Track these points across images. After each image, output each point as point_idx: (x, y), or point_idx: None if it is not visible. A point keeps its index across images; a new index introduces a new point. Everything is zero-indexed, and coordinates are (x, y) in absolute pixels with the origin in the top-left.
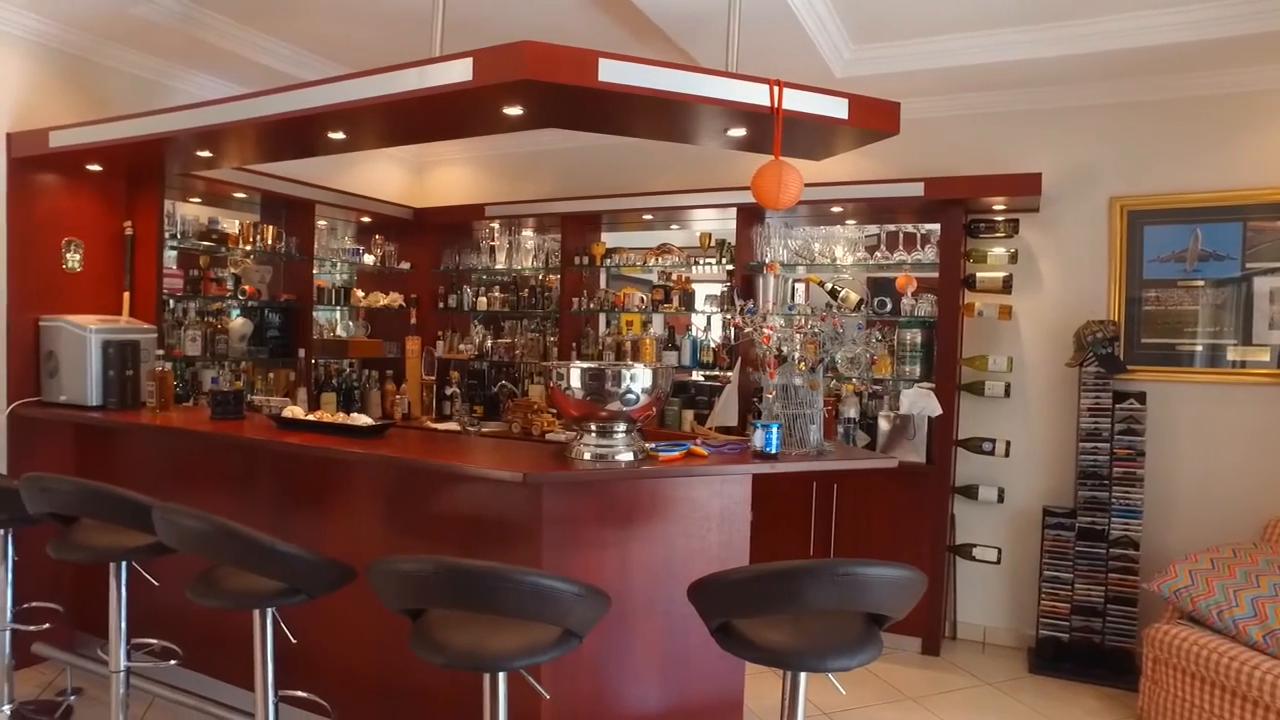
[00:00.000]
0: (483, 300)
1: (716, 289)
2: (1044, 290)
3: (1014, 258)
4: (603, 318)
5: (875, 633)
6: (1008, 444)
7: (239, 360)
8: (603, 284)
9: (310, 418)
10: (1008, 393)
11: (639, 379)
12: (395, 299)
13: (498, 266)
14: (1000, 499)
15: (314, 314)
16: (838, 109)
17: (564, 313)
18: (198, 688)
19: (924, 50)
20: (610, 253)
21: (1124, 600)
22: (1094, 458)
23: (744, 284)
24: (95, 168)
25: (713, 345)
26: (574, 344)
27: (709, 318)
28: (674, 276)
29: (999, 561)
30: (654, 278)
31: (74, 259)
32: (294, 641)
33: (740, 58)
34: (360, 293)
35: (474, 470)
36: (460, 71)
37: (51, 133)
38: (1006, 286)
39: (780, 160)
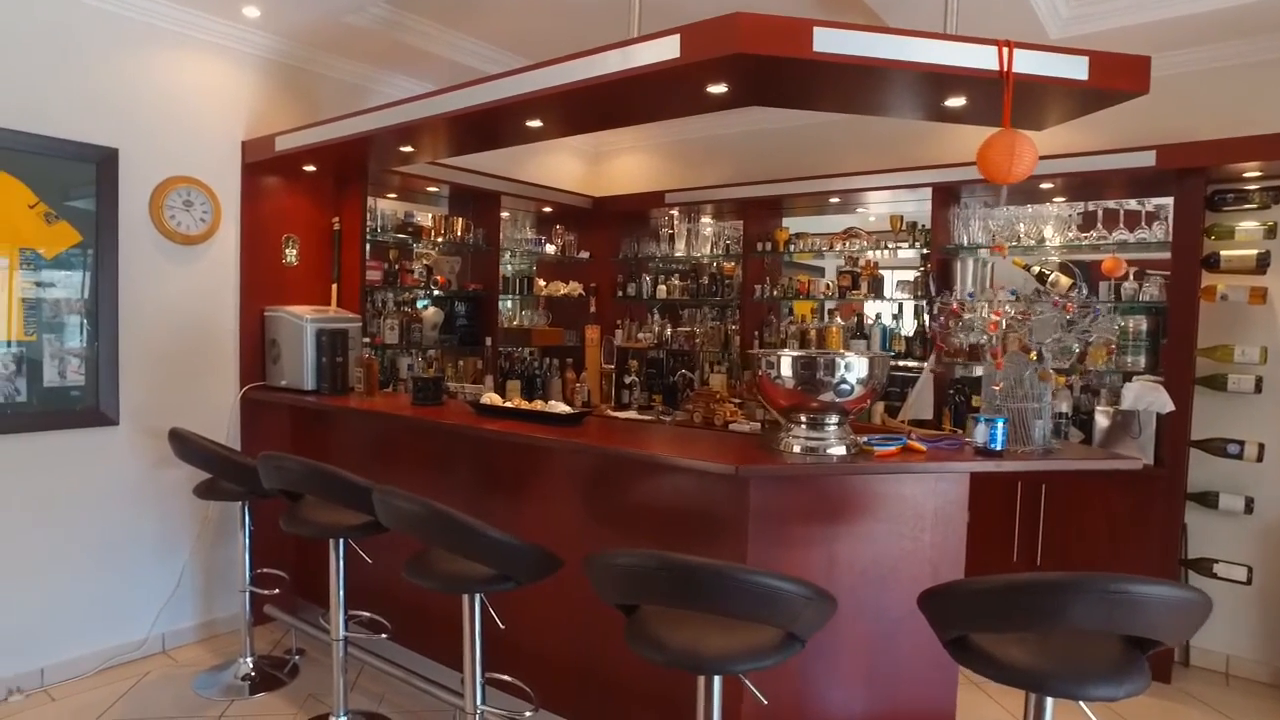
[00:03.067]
0: (661, 288)
1: (908, 274)
2: None
3: (1271, 231)
4: (783, 306)
5: (1139, 660)
6: (1260, 447)
7: (430, 348)
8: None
9: (509, 405)
10: (1259, 388)
11: (854, 369)
12: (575, 288)
13: (676, 254)
14: (1249, 509)
15: (499, 303)
16: (1075, 69)
17: (746, 300)
18: (400, 659)
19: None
20: (794, 238)
21: None
22: None
23: (940, 268)
24: (310, 168)
25: (903, 334)
26: (756, 332)
27: (900, 304)
28: (861, 262)
29: (1249, 582)
30: (836, 264)
31: (291, 254)
32: (502, 627)
33: (946, 21)
34: (541, 282)
35: (683, 462)
36: (667, 49)
37: (277, 138)
38: (1261, 266)
39: (1012, 130)
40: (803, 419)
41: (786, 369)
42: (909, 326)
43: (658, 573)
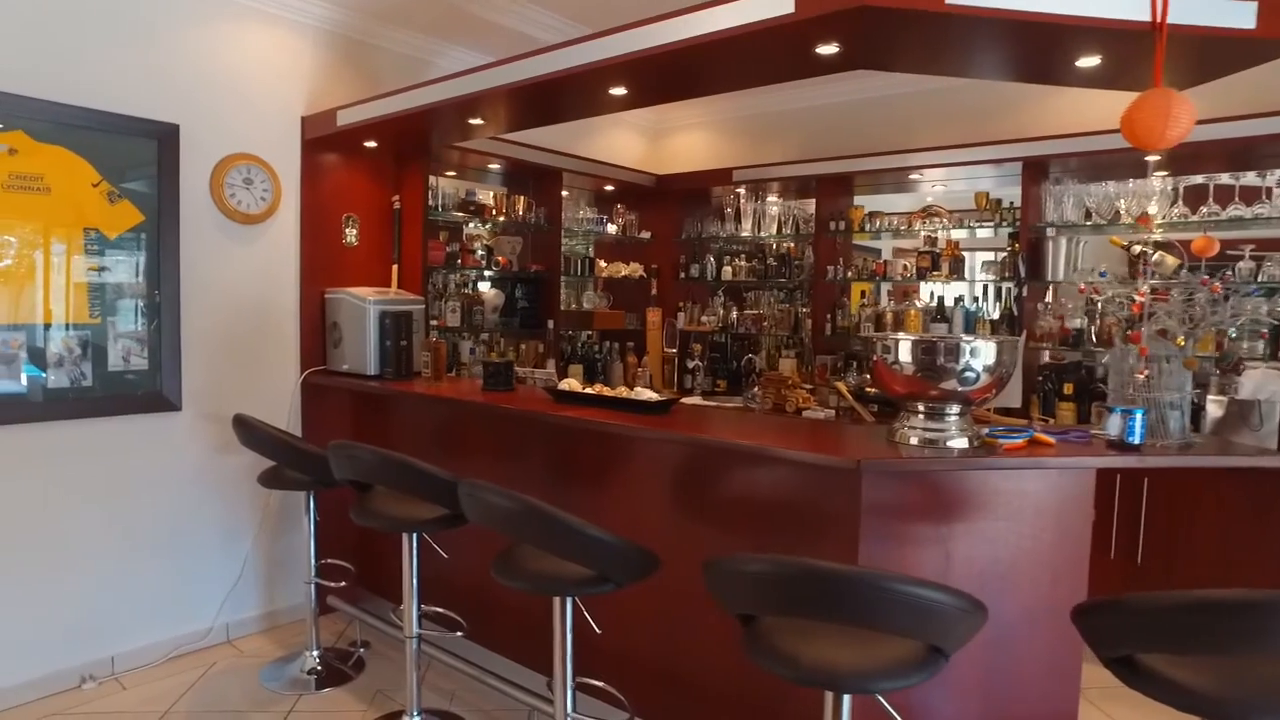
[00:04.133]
0: (727, 270)
1: (989, 255)
2: None
3: None
4: (854, 288)
5: None
6: None
7: (491, 331)
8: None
9: (589, 391)
10: None
11: (981, 354)
12: (635, 269)
13: (743, 234)
14: None
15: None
16: (1242, 17)
17: (818, 282)
18: (469, 654)
19: None
20: (870, 216)
21: None
22: None
23: (1030, 248)
24: (371, 144)
25: (987, 317)
26: (828, 315)
27: (985, 287)
28: (941, 241)
29: None
30: (894, 244)
31: (351, 234)
32: (599, 632)
33: None
34: (602, 263)
35: (795, 455)
36: (779, 4)
37: (339, 112)
38: None
39: (1166, 90)
40: (920, 408)
41: (905, 354)
42: (993, 309)
43: (796, 582)
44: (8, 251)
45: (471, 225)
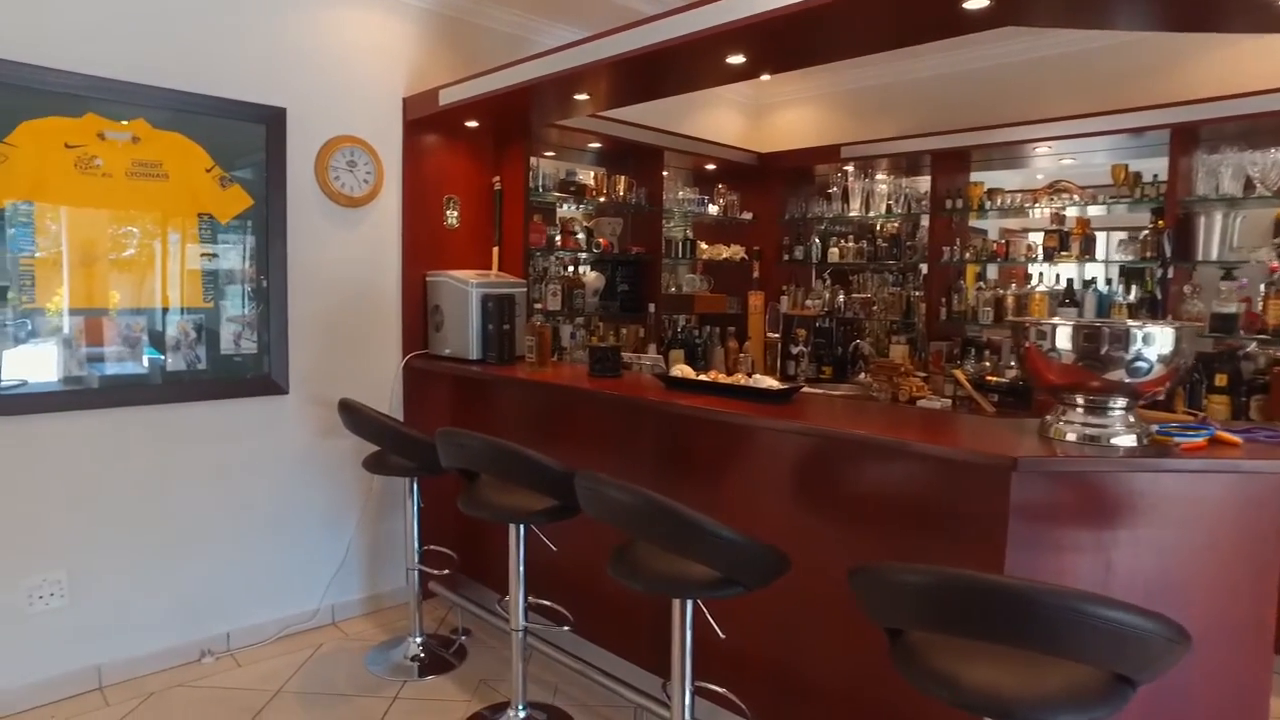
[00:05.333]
0: (833, 251)
1: (1122, 233)
2: None
3: None
4: (969, 270)
5: None
6: None
7: (590, 315)
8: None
9: (703, 378)
10: None
11: (1155, 342)
12: (736, 251)
13: (851, 214)
14: None
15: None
16: None
17: (933, 264)
18: (572, 646)
19: None
20: (990, 193)
21: None
22: None
23: (1178, 224)
24: (472, 124)
25: (1123, 301)
26: (942, 299)
27: (1120, 268)
28: (1070, 220)
29: None
30: (999, 224)
31: (453, 215)
32: (723, 637)
33: None
34: (703, 245)
35: (937, 450)
36: None
37: (441, 91)
38: None
39: None
40: (1079, 402)
41: (1064, 340)
42: (1129, 292)
43: (965, 598)
44: (131, 240)
45: (570, 206)
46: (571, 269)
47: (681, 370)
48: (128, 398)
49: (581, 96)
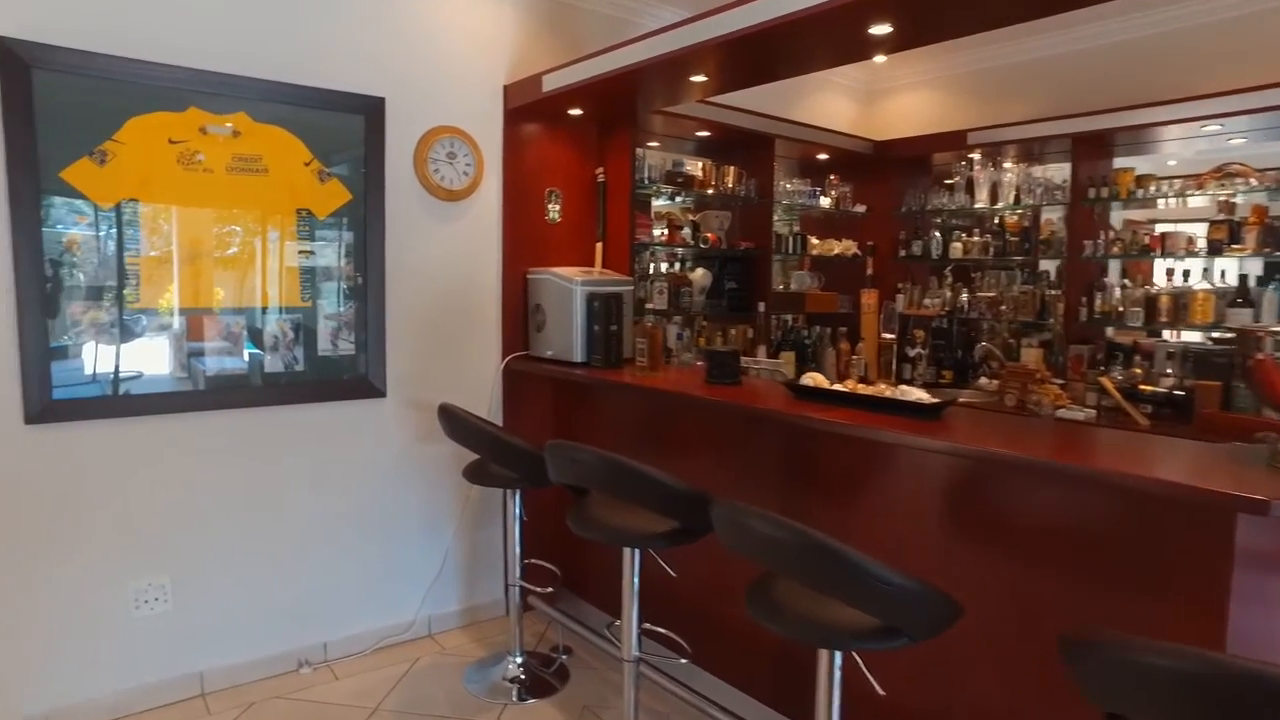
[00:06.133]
0: (956, 246)
1: None
2: None
3: None
4: (1113, 266)
5: None
6: None
7: (697, 314)
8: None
9: (838, 388)
10: None
11: None
12: (849, 246)
13: (977, 206)
14: None
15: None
16: None
17: (1072, 258)
18: (682, 674)
19: None
20: (1141, 180)
21: None
22: None
23: None
24: (575, 112)
25: None
26: (1083, 298)
27: None
28: (1239, 208)
29: None
30: (1124, 215)
31: (554, 209)
32: (882, 693)
33: None
34: (814, 240)
35: (1145, 484)
36: None
37: (544, 77)
38: None
39: None
40: None
41: None
42: None
43: (1240, 694)
44: (233, 237)
45: (665, 199)
46: (678, 265)
47: (813, 379)
48: (229, 400)
49: (698, 78)
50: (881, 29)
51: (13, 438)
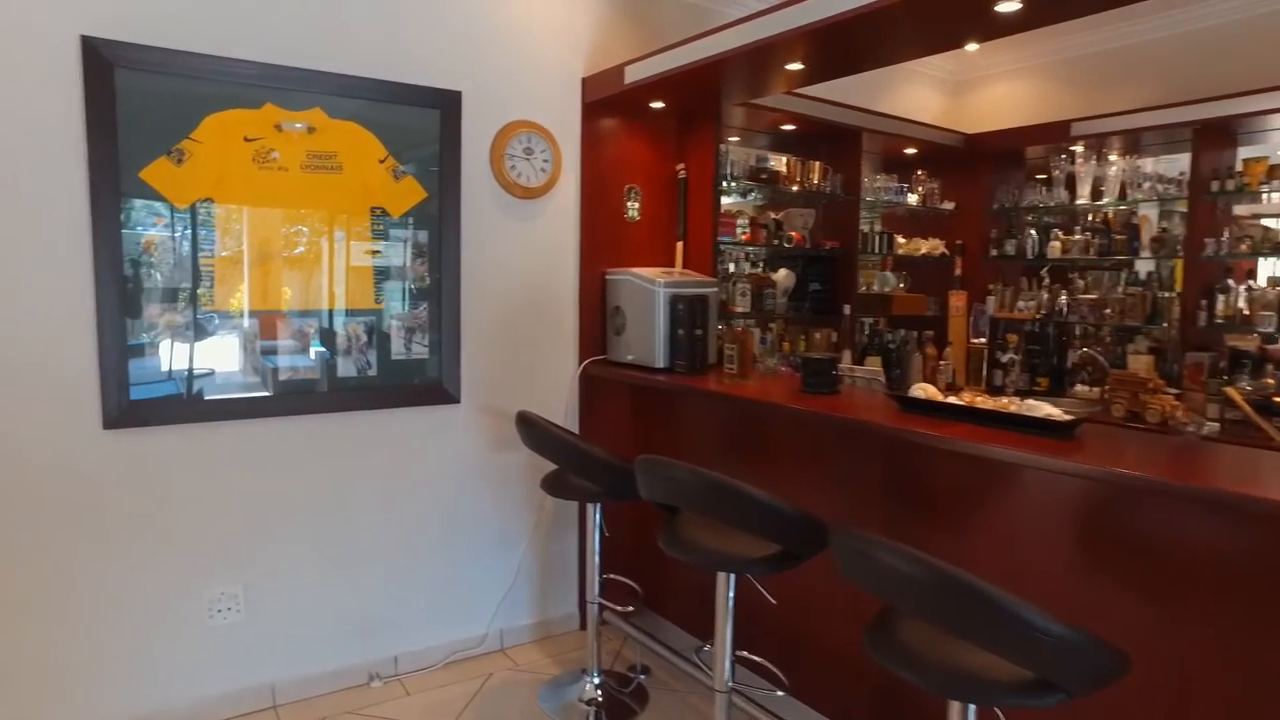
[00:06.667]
0: (1054, 245)
1: None
2: None
3: None
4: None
5: None
6: None
7: (780, 317)
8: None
9: (955, 402)
10: None
11: None
12: (936, 246)
13: (1078, 202)
14: None
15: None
16: None
17: (1190, 258)
18: (776, 706)
19: None
20: (1274, 170)
21: None
22: None
23: None
24: (657, 105)
25: None
26: (1202, 301)
27: None
28: None
29: None
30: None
31: (633, 207)
32: None
33: None
34: (900, 239)
35: None
36: None
37: (627, 67)
38: None
39: None
40: None
41: None
42: None
43: None
44: (304, 236)
45: (745, 196)
46: (761, 266)
47: (924, 390)
48: (302, 405)
49: (794, 65)
50: (1010, 6)
51: (92, 442)
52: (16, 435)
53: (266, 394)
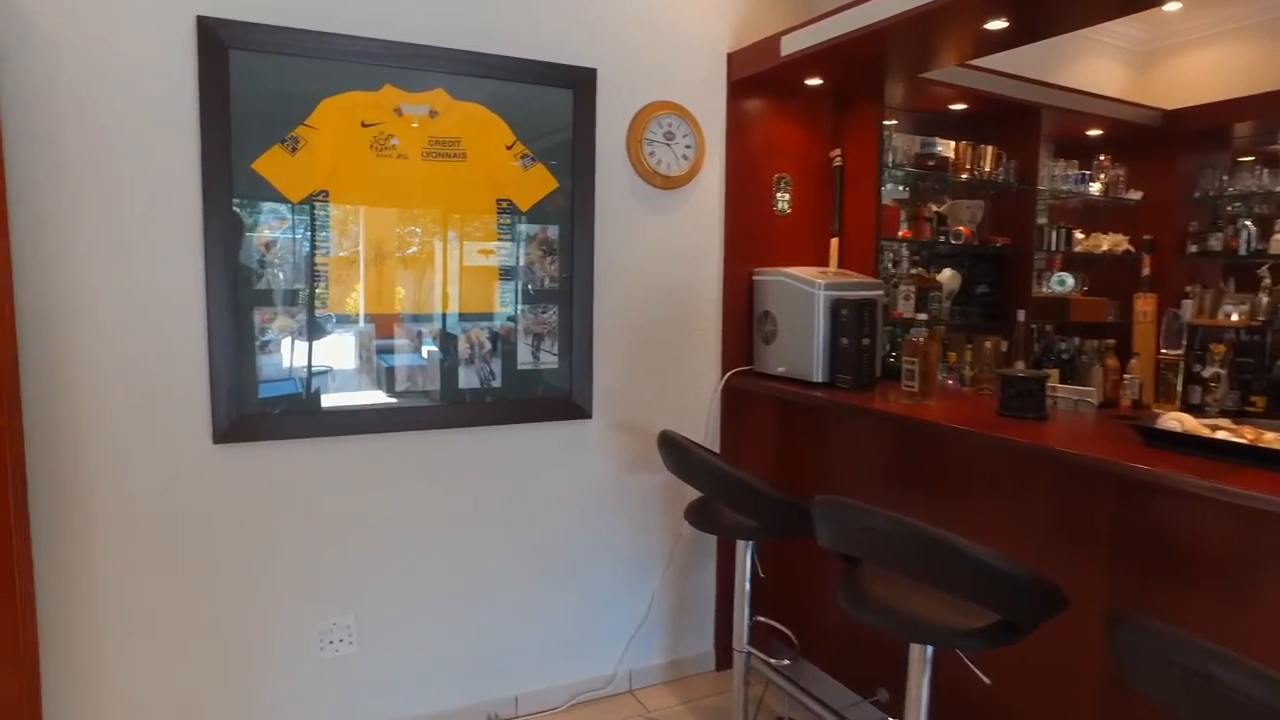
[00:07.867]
0: (1277, 238)
1: None
2: None
3: None
4: None
5: None
6: None
7: (944, 322)
8: None
9: (1227, 438)
10: None
11: None
12: (1118, 242)
13: None
14: None
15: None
16: None
17: None
18: None
19: None
20: None
21: None
22: None
23: None
24: (814, 81)
25: None
26: None
27: None
28: None
29: None
30: None
31: (783, 199)
32: None
33: None
34: (1079, 234)
35: None
36: None
37: (783, 38)
38: None
39: None
40: None
41: None
42: None
43: None
44: (425, 232)
45: (900, 186)
46: (925, 265)
47: (1180, 422)
48: (420, 420)
49: (998, 24)
50: None
51: (202, 458)
52: (126, 451)
53: (383, 406)
